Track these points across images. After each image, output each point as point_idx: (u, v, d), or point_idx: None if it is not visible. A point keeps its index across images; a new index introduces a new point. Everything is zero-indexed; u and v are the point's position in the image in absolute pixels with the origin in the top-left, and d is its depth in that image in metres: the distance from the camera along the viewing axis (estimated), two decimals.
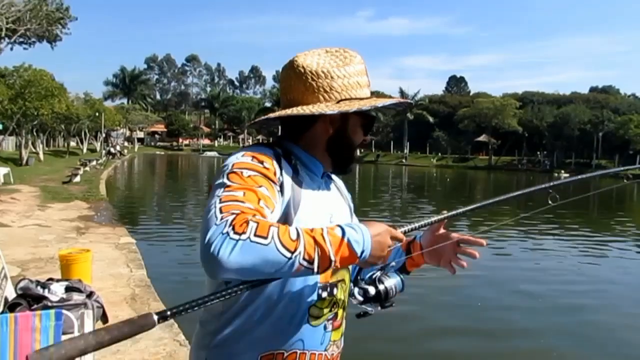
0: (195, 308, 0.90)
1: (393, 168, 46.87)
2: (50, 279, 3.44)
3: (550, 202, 1.33)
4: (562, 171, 45.68)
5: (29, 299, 3.02)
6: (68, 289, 3.23)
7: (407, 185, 29.80)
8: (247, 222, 0.87)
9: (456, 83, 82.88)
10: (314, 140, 1.17)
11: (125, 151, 52.92)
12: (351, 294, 1.05)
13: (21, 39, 25.46)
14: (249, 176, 1.00)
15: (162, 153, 64.04)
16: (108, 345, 0.85)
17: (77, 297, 3.12)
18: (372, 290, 1.02)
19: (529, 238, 12.03)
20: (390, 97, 1.22)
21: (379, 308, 1.05)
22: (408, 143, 57.76)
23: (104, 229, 9.13)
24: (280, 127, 1.24)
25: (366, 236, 0.96)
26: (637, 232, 14.67)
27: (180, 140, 77.71)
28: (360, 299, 1.03)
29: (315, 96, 1.12)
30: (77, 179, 18.53)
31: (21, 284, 3.18)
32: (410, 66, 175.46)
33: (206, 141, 77.27)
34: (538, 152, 54.13)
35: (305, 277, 1.07)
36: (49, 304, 2.96)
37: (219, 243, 0.85)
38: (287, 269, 0.88)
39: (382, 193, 24.25)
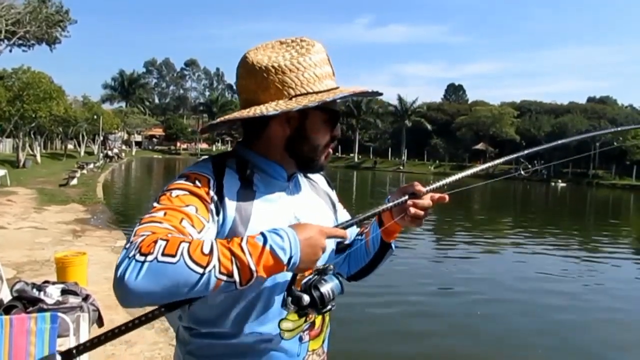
0: (103, 343, 0.87)
1: (391, 175, 46.83)
2: (46, 282, 3.43)
3: (522, 172, 1.38)
4: (559, 180, 45.79)
5: (25, 301, 3.01)
6: (64, 292, 3.22)
7: None
8: (155, 242, 0.82)
9: (454, 91, 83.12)
10: (271, 142, 1.09)
11: (123, 154, 52.84)
12: (285, 304, 0.98)
13: (20, 41, 25.44)
14: (176, 196, 0.96)
15: (160, 157, 63.98)
16: None
17: (73, 300, 3.11)
18: (306, 298, 0.96)
19: (528, 247, 12.04)
20: (362, 89, 1.11)
21: (316, 314, 1.00)
22: (406, 150, 57.85)
23: (100, 232, 9.11)
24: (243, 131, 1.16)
25: (294, 242, 0.89)
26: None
27: (178, 144, 77.65)
28: (295, 308, 0.97)
29: (268, 94, 1.03)
30: (74, 181, 18.48)
31: (17, 287, 3.17)
32: (408, 74, 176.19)
33: (204, 145, 77.14)
34: (535, 161, 54.24)
35: (272, 291, 1.05)
36: (45, 306, 2.95)
37: (124, 268, 0.81)
38: (202, 286, 0.82)
39: (380, 200, 24.22)
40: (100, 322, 3.25)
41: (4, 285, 3.31)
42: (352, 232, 1.30)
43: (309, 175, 1.24)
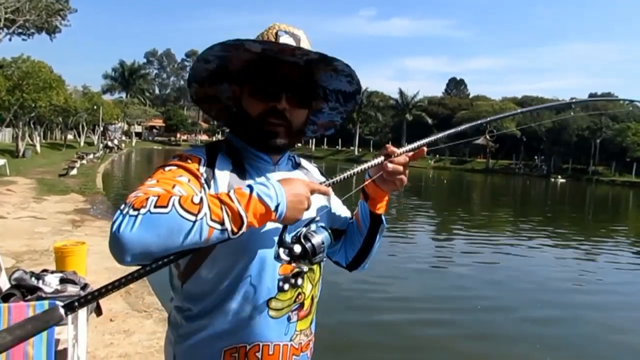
0: (105, 294, 0.87)
1: None
2: (45, 271, 3.43)
3: (487, 136, 1.40)
4: (559, 176, 45.78)
5: (23, 289, 3.01)
6: (62, 281, 3.23)
7: (405, 188, 29.82)
8: (147, 199, 0.86)
9: (456, 85, 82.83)
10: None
11: (123, 145, 52.78)
12: (276, 256, 1.00)
13: (20, 30, 25.31)
14: (169, 170, 1.01)
15: (160, 148, 63.86)
16: (12, 346, 0.77)
17: (71, 289, 3.11)
18: (297, 248, 0.98)
19: (526, 243, 12.08)
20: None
21: (309, 263, 1.01)
22: (406, 144, 57.33)
23: (99, 222, 9.12)
24: None
25: (279, 190, 0.93)
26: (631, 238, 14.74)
27: (179, 135, 77.50)
28: (287, 258, 0.99)
29: None
30: (74, 172, 18.49)
31: (15, 275, 3.18)
32: (410, 67, 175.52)
33: (204, 137, 76.95)
34: (535, 157, 54.26)
35: (263, 270, 1.07)
36: (43, 295, 2.96)
37: (119, 223, 0.84)
38: (196, 235, 0.85)
39: None
40: (98, 311, 3.26)
41: (2, 273, 3.32)
42: (345, 218, 1.32)
43: (302, 164, 1.27)
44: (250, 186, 0.92)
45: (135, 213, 0.84)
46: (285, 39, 1.10)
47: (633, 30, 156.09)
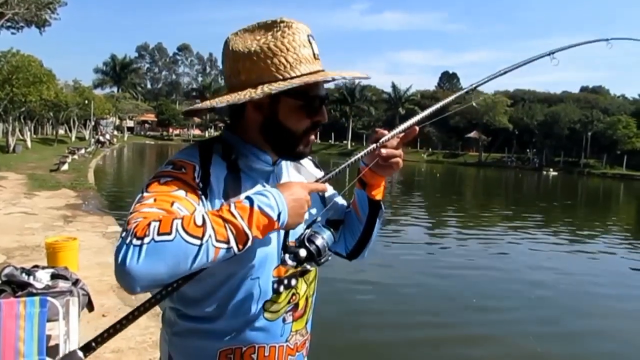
0: (119, 331, 0.89)
1: None
2: (36, 266, 3.41)
3: (474, 104, 1.47)
4: (551, 169, 46.06)
5: (14, 285, 2.99)
6: (54, 277, 3.20)
7: (397, 181, 29.94)
8: (148, 225, 0.84)
9: (448, 79, 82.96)
10: (248, 127, 1.09)
11: (115, 140, 52.40)
12: (282, 261, 0.99)
13: (9, 24, 24.98)
14: (164, 182, 0.98)
15: (152, 143, 63.44)
16: None
17: (62, 285, 3.09)
18: (303, 252, 0.98)
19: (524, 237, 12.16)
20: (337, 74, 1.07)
21: (315, 265, 1.01)
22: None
23: (91, 217, 9.06)
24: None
25: (279, 198, 0.93)
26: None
27: (171, 130, 76.96)
28: (293, 263, 0.98)
29: (239, 80, 1.04)
30: (65, 167, 18.34)
31: (5, 271, 3.15)
32: (403, 61, 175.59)
33: (197, 131, 76.50)
34: (528, 150, 54.56)
35: (257, 273, 1.06)
36: (34, 291, 2.93)
37: (124, 254, 0.82)
38: (203, 257, 0.84)
39: None
40: (90, 306, 3.24)
41: None
42: (342, 208, 1.30)
43: (301, 161, 1.24)
44: (250, 198, 0.91)
45: (139, 243, 0.82)
46: (315, 44, 1.07)
47: (625, 24, 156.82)
